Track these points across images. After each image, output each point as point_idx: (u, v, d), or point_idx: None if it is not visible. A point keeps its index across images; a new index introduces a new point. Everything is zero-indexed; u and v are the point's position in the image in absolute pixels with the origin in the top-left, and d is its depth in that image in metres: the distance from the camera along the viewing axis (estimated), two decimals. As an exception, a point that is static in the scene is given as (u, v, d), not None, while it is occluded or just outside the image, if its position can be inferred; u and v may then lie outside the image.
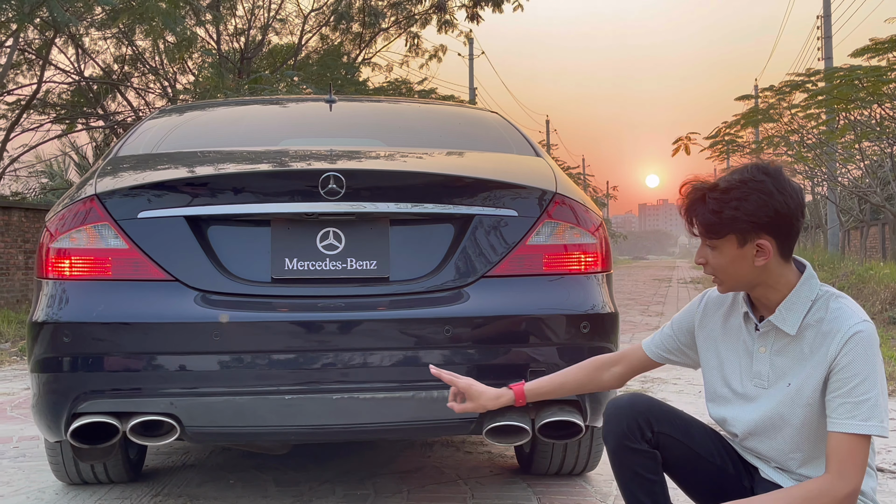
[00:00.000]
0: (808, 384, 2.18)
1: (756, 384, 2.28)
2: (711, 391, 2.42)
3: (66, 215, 2.95)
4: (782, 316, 2.21)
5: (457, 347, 2.87)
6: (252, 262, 2.90)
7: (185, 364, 2.80)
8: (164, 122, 3.86)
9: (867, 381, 2.10)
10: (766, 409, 2.26)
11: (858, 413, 2.09)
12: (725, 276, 2.23)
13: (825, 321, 2.16)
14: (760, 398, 2.27)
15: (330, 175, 2.88)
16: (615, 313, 3.10)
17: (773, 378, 2.25)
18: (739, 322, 2.35)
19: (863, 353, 2.11)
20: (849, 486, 2.09)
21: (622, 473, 2.37)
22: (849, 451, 2.10)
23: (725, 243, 2.18)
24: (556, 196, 3.09)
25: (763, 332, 2.26)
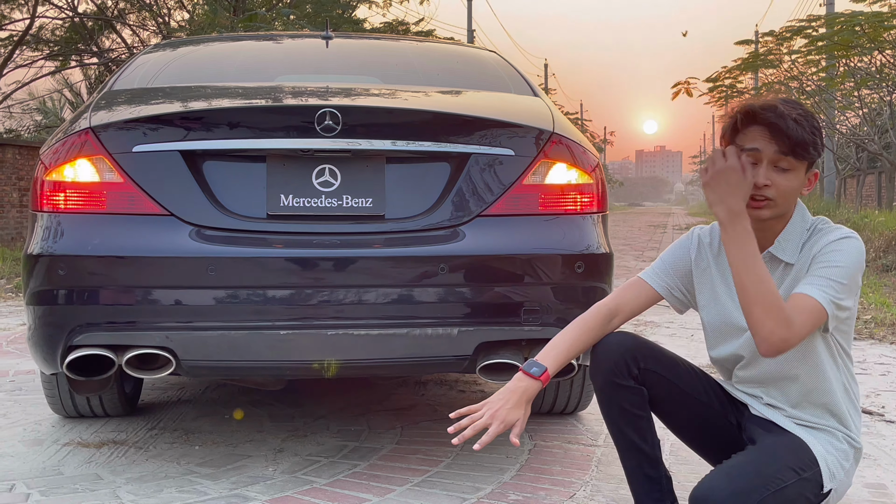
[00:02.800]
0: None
1: None
2: (711, 330, 2.42)
3: (60, 148, 2.94)
4: (781, 246, 2.25)
5: (451, 285, 2.88)
6: (247, 198, 2.89)
7: (181, 298, 2.81)
8: (158, 57, 3.82)
9: (840, 268, 2.15)
10: None
11: (822, 284, 2.14)
12: (785, 200, 2.22)
13: (816, 241, 2.23)
14: None
15: (326, 111, 2.85)
16: (610, 254, 3.10)
17: None
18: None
19: (845, 250, 2.18)
20: (788, 331, 2.09)
21: (610, 410, 2.38)
22: (802, 306, 2.12)
23: (800, 167, 2.20)
24: (553, 135, 3.08)
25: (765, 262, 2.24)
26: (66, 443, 3.41)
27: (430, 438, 3.47)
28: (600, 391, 2.39)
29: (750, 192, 2.17)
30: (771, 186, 2.18)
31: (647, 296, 2.47)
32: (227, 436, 3.50)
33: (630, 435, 2.37)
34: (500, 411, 2.23)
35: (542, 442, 3.45)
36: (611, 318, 2.42)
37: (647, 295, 2.47)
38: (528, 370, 2.31)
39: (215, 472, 3.07)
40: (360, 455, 3.26)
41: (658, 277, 2.47)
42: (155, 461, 3.19)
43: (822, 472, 2.19)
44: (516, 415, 2.24)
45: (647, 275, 2.49)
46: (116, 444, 3.39)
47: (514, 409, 2.24)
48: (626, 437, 2.38)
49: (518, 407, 2.25)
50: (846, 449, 2.28)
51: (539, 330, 2.93)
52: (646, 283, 2.47)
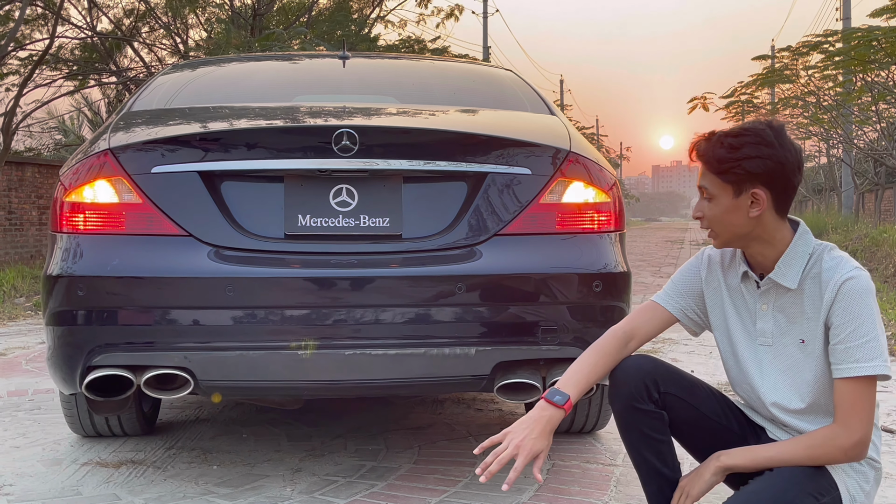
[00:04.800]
0: (815, 337, 2.19)
1: (761, 342, 2.29)
2: (726, 358, 2.41)
3: (79, 169, 2.96)
4: (782, 272, 2.22)
5: (469, 305, 2.87)
6: (265, 218, 2.90)
7: (199, 318, 2.82)
8: (176, 78, 3.85)
9: (864, 324, 2.12)
10: (777, 367, 2.27)
11: (860, 356, 2.11)
12: (721, 227, 2.22)
13: (822, 273, 2.18)
14: (768, 356, 2.29)
15: (343, 131, 2.87)
16: (628, 272, 3.09)
17: (777, 335, 2.26)
18: (738, 282, 2.34)
19: (857, 298, 2.13)
20: (855, 434, 2.11)
21: (629, 434, 2.37)
22: (854, 397, 2.11)
23: (722, 193, 2.18)
24: (570, 154, 3.08)
25: (764, 290, 2.27)
26: (84, 462, 3.42)
27: (448, 458, 3.46)
28: (620, 416, 2.37)
29: None
30: (703, 217, 2.22)
31: (661, 318, 2.46)
32: (244, 455, 3.50)
33: (651, 460, 2.35)
34: (524, 441, 2.19)
35: (560, 461, 3.44)
36: (627, 342, 2.41)
37: (662, 317, 2.46)
38: (551, 399, 2.26)
39: (233, 492, 3.07)
40: (378, 475, 3.25)
41: (671, 300, 2.46)
42: (173, 481, 3.19)
43: (841, 496, 2.17)
44: (541, 445, 2.20)
45: (660, 298, 2.47)
46: (135, 463, 3.39)
47: (539, 438, 2.21)
48: (647, 462, 2.36)
49: (542, 437, 2.21)
50: (866, 471, 2.25)
51: (557, 350, 2.92)
52: (660, 306, 2.46)
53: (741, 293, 2.34)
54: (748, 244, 2.25)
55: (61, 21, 15.18)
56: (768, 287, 2.26)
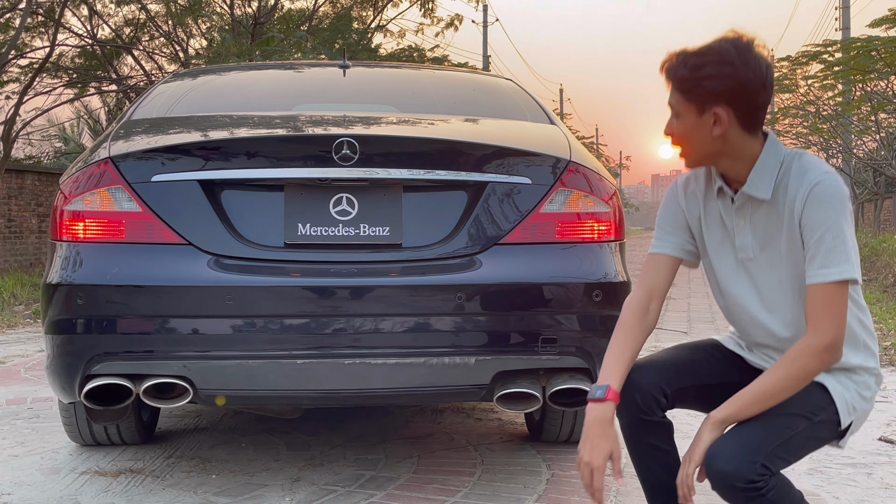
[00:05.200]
0: (794, 246, 2.20)
1: (742, 256, 2.29)
2: (710, 281, 2.41)
3: (79, 178, 2.96)
4: (754, 184, 2.21)
5: (469, 314, 2.87)
6: (265, 227, 2.91)
7: (199, 327, 2.82)
8: (177, 86, 3.85)
9: (831, 229, 2.12)
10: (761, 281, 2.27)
11: (827, 261, 2.12)
12: (688, 146, 2.22)
13: (791, 180, 2.18)
14: (752, 271, 2.29)
15: (343, 140, 2.87)
16: (627, 282, 3.09)
17: (757, 248, 2.26)
18: (714, 202, 2.33)
19: (826, 203, 2.13)
20: (826, 337, 2.11)
21: (637, 448, 2.34)
22: (822, 302, 2.12)
23: (686, 112, 2.17)
24: (570, 164, 3.08)
25: (739, 205, 2.26)
26: (83, 471, 3.41)
27: (447, 468, 3.45)
28: (628, 429, 2.34)
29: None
30: (672, 135, 2.23)
31: (666, 266, 2.41)
32: (243, 465, 3.50)
33: (658, 473, 2.34)
34: (591, 456, 2.20)
35: (559, 471, 3.43)
36: (647, 307, 2.41)
37: (666, 264, 2.41)
38: (593, 397, 2.26)
39: (232, 501, 3.06)
40: (377, 485, 3.24)
41: (664, 243, 2.42)
42: (172, 490, 3.19)
43: (838, 409, 2.17)
44: (605, 449, 2.20)
45: (655, 248, 2.44)
46: (133, 472, 3.38)
47: (600, 444, 2.21)
48: (654, 475, 2.35)
49: (603, 440, 2.21)
50: (865, 379, 2.25)
51: (557, 359, 2.92)
52: (658, 255, 2.42)
53: (719, 213, 2.32)
54: (717, 161, 2.24)
55: (62, 29, 15.20)
56: (743, 201, 2.25)
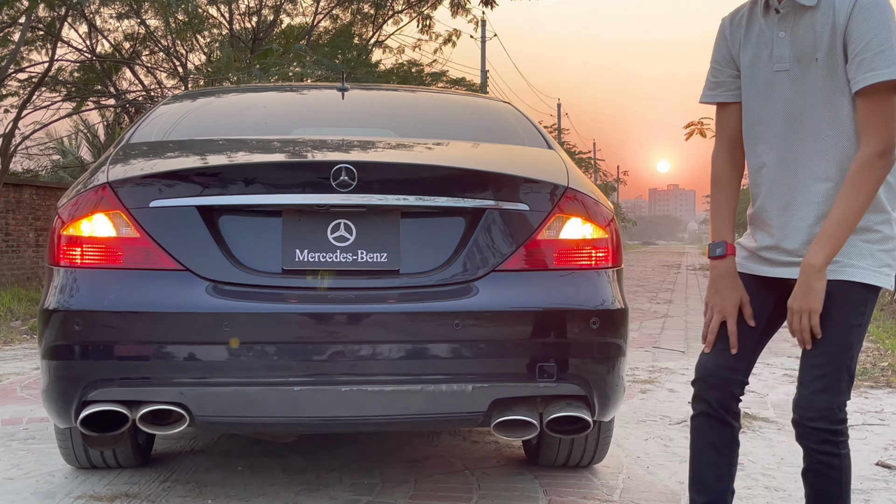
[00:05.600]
0: (832, 55, 2.24)
1: (778, 67, 2.34)
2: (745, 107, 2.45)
3: (78, 202, 2.96)
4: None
5: (466, 341, 2.87)
6: (263, 253, 2.90)
7: (195, 354, 2.81)
8: (176, 109, 3.86)
9: (880, 34, 2.16)
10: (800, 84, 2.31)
11: (875, 64, 2.16)
12: None
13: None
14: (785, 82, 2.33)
15: (342, 167, 2.87)
16: (625, 309, 3.09)
17: (793, 59, 2.31)
18: (756, 22, 2.40)
19: (874, 10, 2.18)
20: (879, 145, 2.18)
21: (697, 442, 2.47)
22: (871, 108, 2.18)
23: None
24: (567, 190, 3.08)
25: (783, 14, 2.32)
26: (78, 496, 3.40)
27: (444, 493, 3.44)
28: (697, 419, 2.47)
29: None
30: None
31: (733, 112, 2.49)
32: (239, 489, 3.48)
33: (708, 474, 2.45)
34: (723, 302, 2.40)
35: (556, 497, 3.42)
36: (733, 156, 2.51)
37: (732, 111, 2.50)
38: (714, 255, 2.43)
39: (228, 527, 3.05)
40: (374, 510, 3.23)
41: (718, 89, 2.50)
42: (167, 515, 3.17)
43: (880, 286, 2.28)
44: (736, 295, 2.40)
45: (709, 97, 2.53)
46: (129, 497, 3.37)
47: (732, 292, 2.40)
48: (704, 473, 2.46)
49: (732, 290, 2.40)
50: (889, 234, 2.30)
51: (554, 386, 2.92)
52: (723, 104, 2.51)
53: (762, 30, 2.38)
54: None
55: (61, 43, 15.22)
56: (787, 10, 2.31)
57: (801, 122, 2.31)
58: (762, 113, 2.39)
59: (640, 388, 5.97)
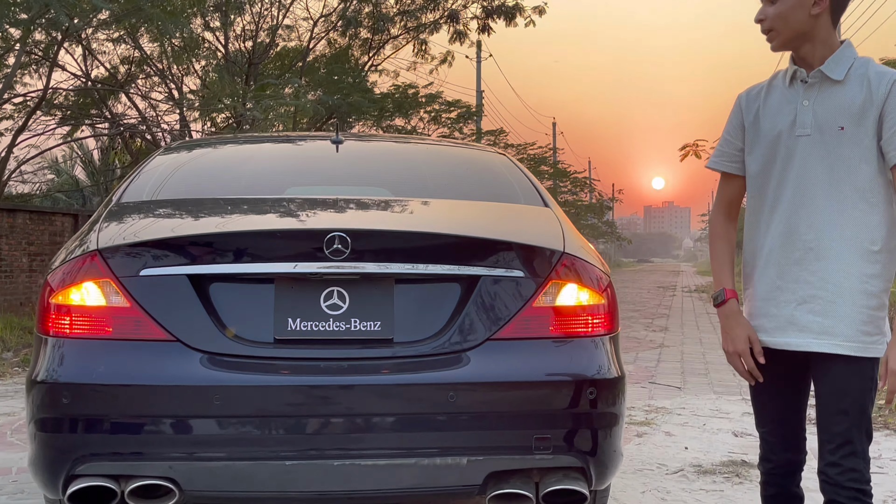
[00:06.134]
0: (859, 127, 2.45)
1: (800, 132, 2.52)
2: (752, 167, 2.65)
3: (67, 269, 2.91)
4: (831, 67, 2.49)
5: (461, 413, 2.83)
6: (255, 322, 2.86)
7: (186, 427, 2.76)
8: (168, 163, 3.82)
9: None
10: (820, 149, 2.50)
11: None
12: (783, 25, 2.49)
13: (871, 72, 2.47)
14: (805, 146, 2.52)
15: (335, 235, 2.83)
16: (622, 377, 3.05)
17: (815, 126, 2.50)
18: (777, 92, 2.60)
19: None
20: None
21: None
22: None
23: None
24: (563, 256, 3.04)
25: (811, 84, 2.52)
26: (66, 561, 3.33)
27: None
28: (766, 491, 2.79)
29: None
30: (765, 20, 2.50)
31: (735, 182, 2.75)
32: (230, 553, 3.42)
33: None
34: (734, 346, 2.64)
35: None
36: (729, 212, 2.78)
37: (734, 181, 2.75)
38: (717, 302, 2.70)
39: None
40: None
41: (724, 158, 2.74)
42: (156, 585, 3.11)
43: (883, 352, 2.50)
44: (742, 332, 2.62)
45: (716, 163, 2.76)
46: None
47: (738, 329, 2.63)
48: None
49: (737, 326, 2.64)
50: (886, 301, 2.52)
51: (550, 458, 2.87)
52: (726, 174, 2.76)
53: (784, 99, 2.57)
54: (802, 44, 2.51)
55: (55, 67, 15.21)
56: (815, 81, 2.51)
57: (822, 184, 2.49)
58: (782, 174, 2.56)
59: (636, 430, 5.93)
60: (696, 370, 8.98)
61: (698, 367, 9.24)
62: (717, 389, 7.69)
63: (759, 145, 2.61)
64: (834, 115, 2.47)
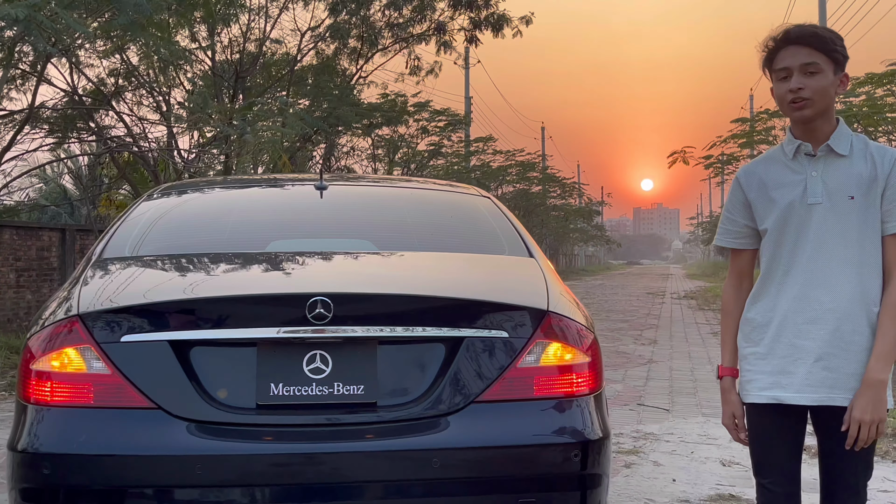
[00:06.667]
0: (865, 196, 2.69)
1: (812, 201, 2.73)
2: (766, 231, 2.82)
3: (48, 335, 2.89)
4: (836, 142, 2.73)
5: (445, 479, 2.81)
6: (236, 388, 2.84)
7: (168, 496, 2.74)
8: (152, 212, 3.80)
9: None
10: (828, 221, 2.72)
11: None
12: (819, 97, 2.69)
13: (869, 148, 2.74)
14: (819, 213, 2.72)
15: (318, 300, 2.82)
16: (606, 436, 3.04)
17: (825, 194, 2.72)
18: (777, 167, 2.81)
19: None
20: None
21: None
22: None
23: (828, 69, 2.69)
24: (547, 314, 3.03)
25: (819, 157, 2.74)
26: None
27: None
28: None
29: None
30: (804, 88, 2.68)
31: (745, 256, 2.95)
32: None
33: None
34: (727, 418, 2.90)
35: None
36: (740, 286, 2.96)
37: (745, 255, 2.95)
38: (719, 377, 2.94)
39: None
40: None
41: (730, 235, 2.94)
42: None
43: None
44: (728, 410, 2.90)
45: (722, 241, 2.96)
46: None
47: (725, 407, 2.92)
48: None
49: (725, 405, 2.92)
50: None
51: (535, 521, 2.86)
52: (736, 251, 2.96)
53: (790, 171, 2.79)
54: (821, 118, 2.73)
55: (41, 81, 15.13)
56: (823, 154, 2.74)
57: (837, 249, 2.71)
58: (797, 240, 2.75)
59: (623, 461, 5.92)
60: (685, 389, 8.98)
61: (687, 385, 9.24)
62: (706, 411, 7.69)
63: (771, 212, 2.80)
64: (844, 185, 2.71)
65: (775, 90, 2.79)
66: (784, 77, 2.72)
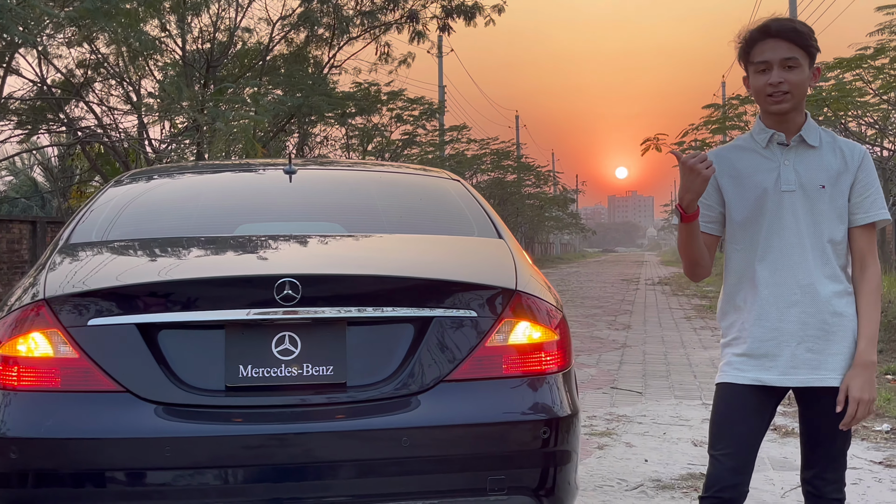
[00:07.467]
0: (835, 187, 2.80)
1: (785, 188, 2.81)
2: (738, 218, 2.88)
3: (14, 320, 2.87)
4: (808, 133, 2.82)
5: (415, 457, 2.82)
6: (205, 370, 2.83)
7: (138, 479, 2.73)
8: (119, 198, 3.77)
9: (876, 182, 2.83)
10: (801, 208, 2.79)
11: (878, 205, 2.81)
12: (800, 92, 2.77)
13: (837, 142, 2.85)
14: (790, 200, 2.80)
15: (286, 281, 2.82)
16: (575, 413, 3.06)
17: (798, 183, 2.80)
18: (749, 155, 2.87)
19: (872, 165, 2.85)
20: (878, 266, 2.84)
21: None
22: (871, 238, 2.83)
23: (805, 64, 2.75)
24: (516, 294, 3.05)
25: (791, 147, 2.82)
26: None
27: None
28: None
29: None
30: (784, 83, 2.73)
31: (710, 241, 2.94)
32: None
33: None
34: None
35: None
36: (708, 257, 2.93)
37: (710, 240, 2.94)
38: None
39: None
40: None
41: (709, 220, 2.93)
42: None
43: None
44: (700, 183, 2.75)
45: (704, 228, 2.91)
46: None
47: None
48: None
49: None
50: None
51: (505, 499, 2.88)
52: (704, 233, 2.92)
53: (763, 159, 2.85)
54: (795, 110, 2.80)
55: (9, 72, 14.97)
56: (795, 144, 2.82)
57: (809, 235, 2.80)
58: (772, 225, 2.82)
59: (597, 442, 5.96)
60: (658, 372, 9.05)
61: (660, 368, 9.31)
62: (678, 393, 7.76)
63: (744, 199, 2.87)
64: (815, 175, 2.80)
65: (752, 82, 2.82)
66: (763, 70, 2.77)
